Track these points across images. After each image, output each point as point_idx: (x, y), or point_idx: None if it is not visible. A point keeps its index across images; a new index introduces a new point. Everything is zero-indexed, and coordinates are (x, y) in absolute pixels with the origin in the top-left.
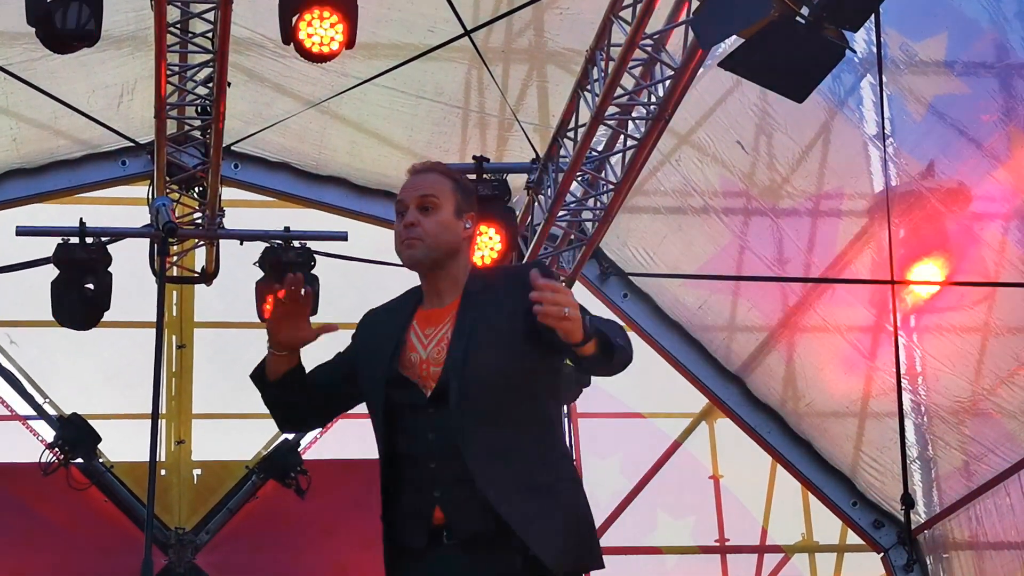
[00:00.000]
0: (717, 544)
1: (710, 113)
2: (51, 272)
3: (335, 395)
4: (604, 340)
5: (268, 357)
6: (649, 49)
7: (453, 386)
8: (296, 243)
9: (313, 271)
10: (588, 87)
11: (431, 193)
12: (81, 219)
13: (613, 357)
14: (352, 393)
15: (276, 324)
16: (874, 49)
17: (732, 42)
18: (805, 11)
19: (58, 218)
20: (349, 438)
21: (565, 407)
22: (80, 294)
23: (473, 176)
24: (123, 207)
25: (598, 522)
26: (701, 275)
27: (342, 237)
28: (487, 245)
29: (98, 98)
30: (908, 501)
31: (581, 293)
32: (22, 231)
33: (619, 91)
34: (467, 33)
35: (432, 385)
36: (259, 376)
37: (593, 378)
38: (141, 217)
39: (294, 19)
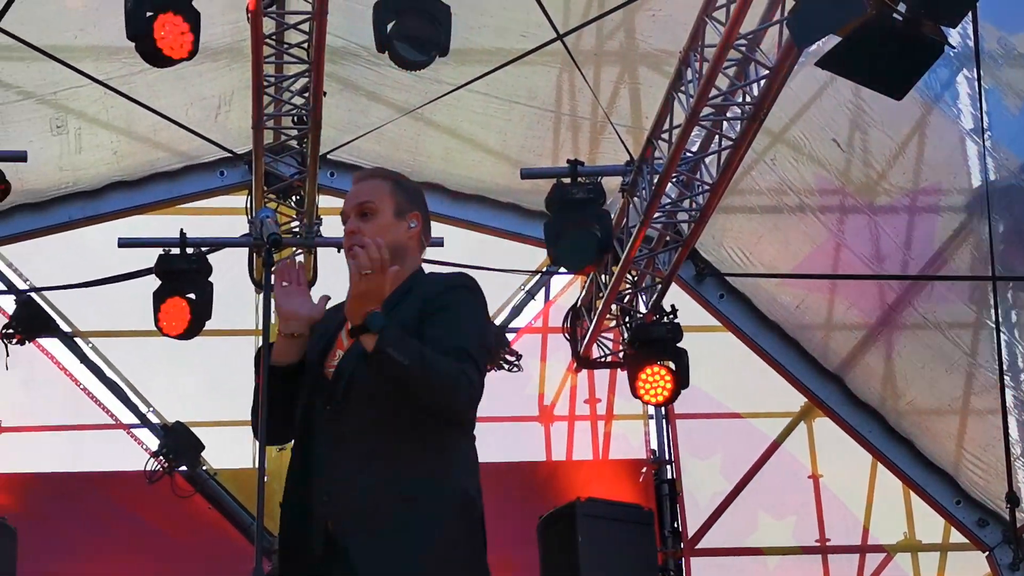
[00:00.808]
0: (818, 544)
1: (804, 111)
2: (153, 283)
3: None
4: (387, 343)
5: (279, 345)
6: (743, 49)
7: (338, 389)
8: None
9: None
10: (682, 88)
11: (367, 199)
12: (182, 230)
13: (392, 367)
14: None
15: (281, 301)
16: (970, 43)
17: (826, 39)
18: (902, 8)
19: (159, 229)
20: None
21: (663, 408)
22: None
23: (568, 180)
24: (222, 217)
25: (699, 523)
26: (798, 274)
27: (438, 243)
28: None
29: (196, 110)
30: (1013, 499)
31: (677, 295)
32: (124, 243)
33: (713, 91)
34: (559, 37)
35: (338, 388)
36: (269, 368)
37: (692, 378)
38: (240, 227)
39: (388, 28)
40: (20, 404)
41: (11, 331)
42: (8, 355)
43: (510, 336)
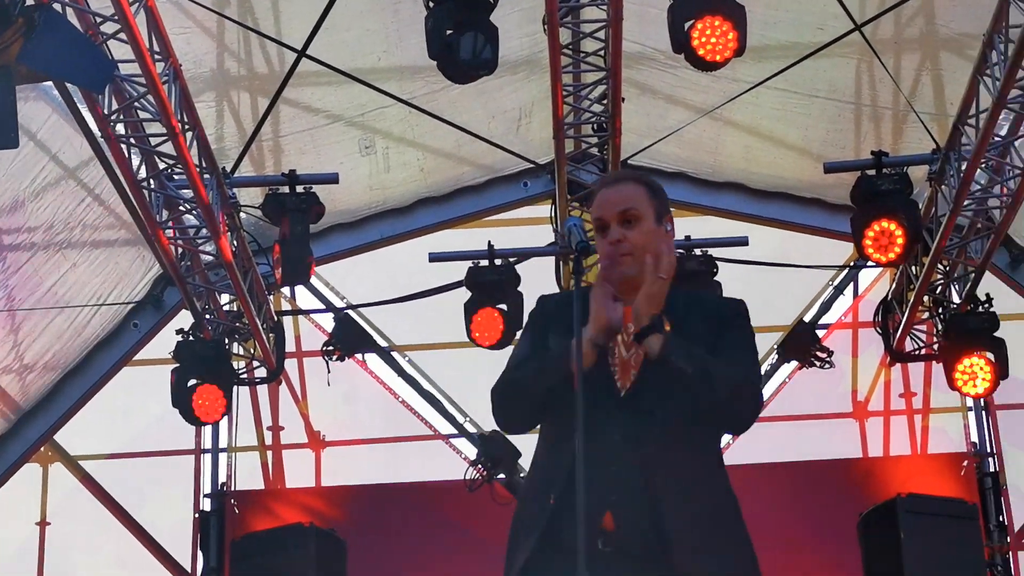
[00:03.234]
0: None
1: None
2: (464, 295)
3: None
4: (673, 352)
5: (587, 352)
6: None
7: (648, 390)
8: (698, 251)
9: (716, 278)
10: (987, 71)
11: (631, 206)
12: (489, 242)
13: (680, 376)
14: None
15: (608, 312)
16: None
17: None
18: None
19: (467, 242)
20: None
21: (983, 400)
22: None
23: (872, 172)
24: (527, 227)
25: None
26: None
27: (743, 242)
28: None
29: (498, 123)
30: None
31: (992, 283)
32: (435, 257)
33: (1020, 73)
34: (857, 28)
35: (626, 387)
36: (559, 374)
37: (1011, 368)
38: (545, 236)
39: (686, 28)
40: (342, 419)
41: (331, 348)
42: (329, 371)
43: (820, 332)
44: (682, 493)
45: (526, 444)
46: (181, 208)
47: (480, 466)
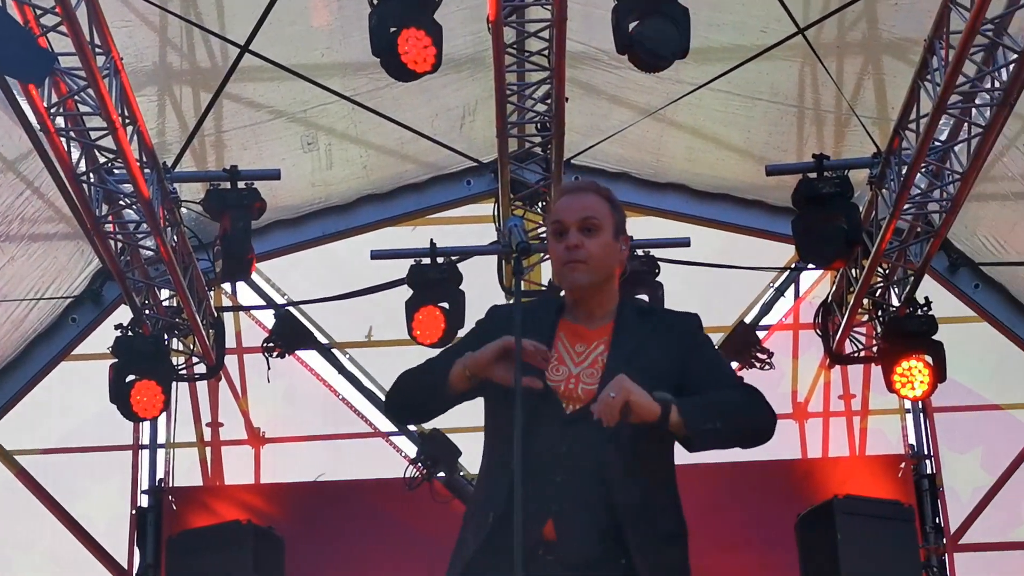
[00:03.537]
0: None
1: None
2: (405, 293)
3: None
4: (692, 422)
5: (458, 375)
6: (990, 34)
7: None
8: (640, 252)
9: (657, 278)
10: (928, 77)
11: (593, 215)
12: (432, 240)
13: (712, 438)
14: (475, 388)
15: (500, 371)
16: None
17: None
18: None
19: (409, 240)
20: None
21: (921, 402)
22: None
23: (814, 175)
24: (469, 226)
25: (961, 518)
26: None
27: (685, 243)
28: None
29: (441, 121)
30: None
31: (931, 286)
32: (376, 254)
33: (960, 78)
34: (800, 31)
35: (579, 401)
36: (439, 388)
37: (949, 371)
38: (488, 235)
39: (628, 30)
40: (282, 415)
41: (272, 344)
42: (269, 368)
43: (761, 334)
44: (635, 505)
45: (466, 443)
46: (121, 203)
47: (420, 464)
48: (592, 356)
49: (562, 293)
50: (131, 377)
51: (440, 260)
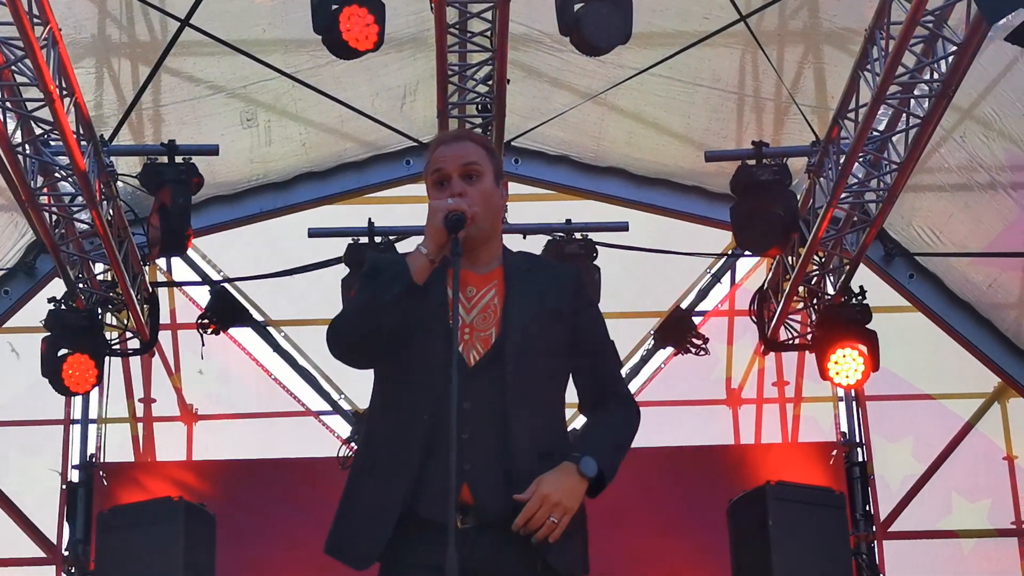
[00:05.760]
0: (1014, 527)
1: (993, 86)
2: (342, 271)
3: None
4: (611, 474)
5: (418, 262)
6: (930, 25)
7: (509, 354)
8: (578, 235)
9: (595, 262)
10: (868, 67)
11: (474, 160)
12: (370, 219)
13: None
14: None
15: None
16: None
17: (1016, 13)
18: None
19: (347, 219)
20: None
21: (853, 390)
22: None
23: (753, 162)
24: (409, 206)
25: (891, 505)
26: (990, 253)
27: (623, 227)
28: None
29: (382, 100)
30: None
31: (866, 276)
32: (314, 232)
33: (900, 69)
34: (743, 18)
35: (478, 351)
36: (403, 281)
37: (882, 360)
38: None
39: (571, 13)
40: (215, 393)
41: (206, 321)
42: (204, 345)
43: (697, 320)
44: (537, 455)
45: None
46: (57, 175)
47: (353, 443)
48: (483, 302)
49: None
50: (63, 351)
51: (378, 239)
